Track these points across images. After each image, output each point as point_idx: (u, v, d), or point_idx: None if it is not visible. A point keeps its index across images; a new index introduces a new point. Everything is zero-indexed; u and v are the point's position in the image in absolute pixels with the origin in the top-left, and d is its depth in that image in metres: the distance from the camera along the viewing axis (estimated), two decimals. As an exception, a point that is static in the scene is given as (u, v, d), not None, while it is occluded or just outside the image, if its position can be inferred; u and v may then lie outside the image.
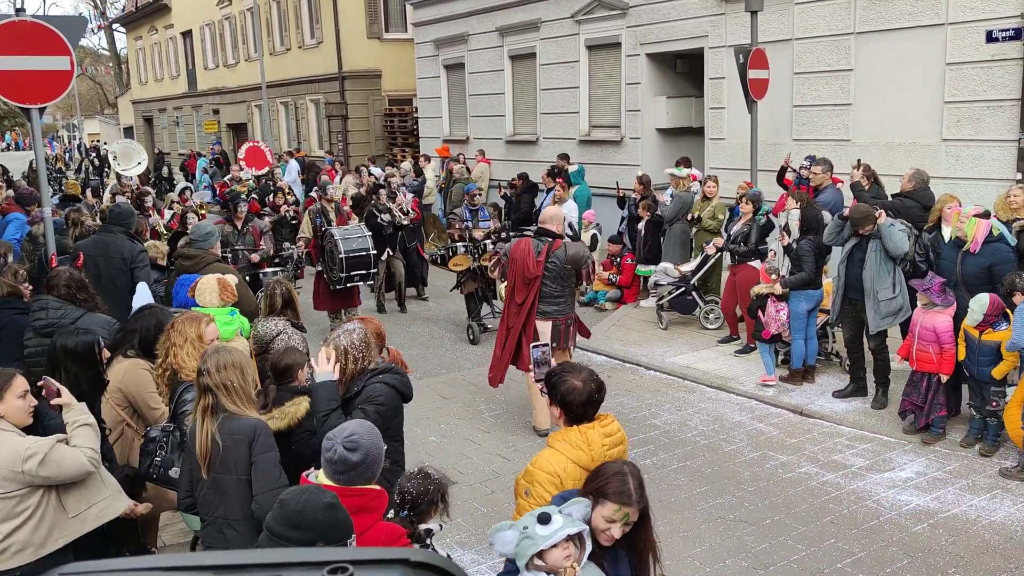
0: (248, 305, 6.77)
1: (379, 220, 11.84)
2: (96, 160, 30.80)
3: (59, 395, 4.11)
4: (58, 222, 9.70)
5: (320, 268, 10.99)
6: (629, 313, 11.95)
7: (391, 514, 3.60)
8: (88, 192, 19.43)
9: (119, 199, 14.13)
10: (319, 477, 3.24)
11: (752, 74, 10.98)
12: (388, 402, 4.16)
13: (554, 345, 7.31)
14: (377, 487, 3.27)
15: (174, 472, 4.47)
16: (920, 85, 10.79)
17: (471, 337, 10.95)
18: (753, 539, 5.90)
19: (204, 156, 29.11)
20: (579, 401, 3.54)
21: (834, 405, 8.23)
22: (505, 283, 8.25)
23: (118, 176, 16.17)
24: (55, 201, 12.59)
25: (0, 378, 3.88)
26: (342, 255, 10.19)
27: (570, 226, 12.08)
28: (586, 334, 8.53)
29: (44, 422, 4.06)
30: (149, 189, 15.10)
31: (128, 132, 43.67)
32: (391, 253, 12.31)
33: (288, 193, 15.26)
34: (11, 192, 13.30)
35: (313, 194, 15.24)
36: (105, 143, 38.29)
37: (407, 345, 10.79)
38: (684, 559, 5.67)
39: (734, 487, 6.68)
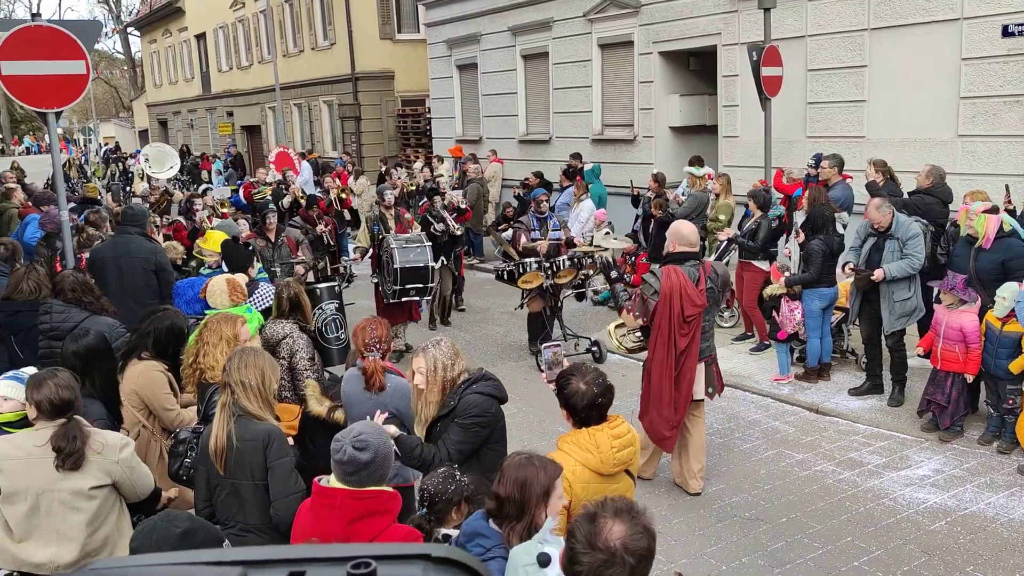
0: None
1: (433, 229, 11.01)
2: (122, 165, 30.87)
3: None
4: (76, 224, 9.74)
5: (376, 280, 10.14)
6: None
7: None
8: (108, 196, 19.52)
9: (135, 202, 14.18)
10: (331, 481, 3.22)
11: (766, 71, 10.95)
12: (484, 412, 4.13)
13: (709, 390, 6.46)
14: (390, 489, 3.24)
15: None
16: (935, 81, 10.73)
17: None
18: (769, 537, 5.88)
19: (219, 158, 29.22)
20: (582, 404, 3.56)
21: (850, 403, 8.20)
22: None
23: (148, 179, 16.28)
24: (70, 205, 12.62)
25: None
26: (397, 266, 9.35)
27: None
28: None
29: None
30: (198, 193, 14.79)
31: (143, 135, 43.96)
32: (444, 262, 11.37)
33: (302, 196, 14.85)
34: (24, 195, 13.36)
35: (326, 192, 14.92)
36: (111, 149, 38.47)
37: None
38: (700, 557, 5.66)
39: (750, 485, 6.66)
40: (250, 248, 8.63)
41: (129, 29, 50.29)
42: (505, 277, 9.88)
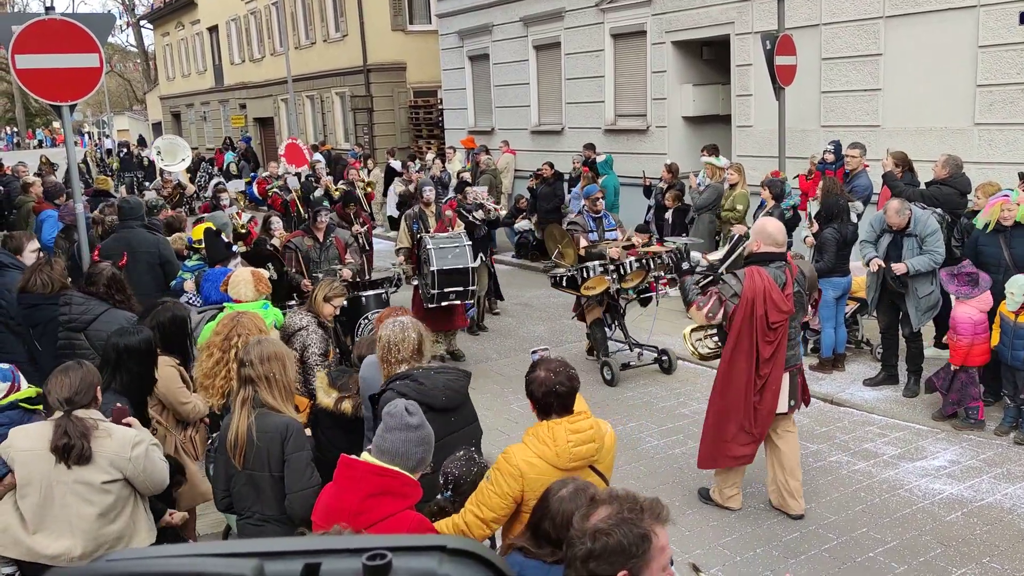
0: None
1: (471, 219, 10.34)
2: (145, 159, 30.92)
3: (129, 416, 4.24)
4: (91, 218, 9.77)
5: (416, 282, 9.49)
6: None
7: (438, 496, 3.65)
8: (122, 189, 19.58)
9: (148, 195, 14.17)
10: (364, 455, 3.22)
11: (779, 60, 10.87)
12: None
13: (791, 403, 5.91)
14: (414, 478, 3.23)
15: None
16: (952, 69, 10.63)
17: (608, 377, 8.91)
18: (784, 528, 5.87)
19: (232, 151, 29.28)
20: (540, 392, 3.59)
21: (865, 393, 8.16)
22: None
23: (160, 172, 16.29)
24: (84, 199, 12.58)
25: (95, 377, 3.99)
26: (434, 268, 8.77)
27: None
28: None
29: None
30: (224, 188, 14.12)
31: (156, 128, 44.12)
32: (483, 259, 10.53)
33: (336, 190, 13.56)
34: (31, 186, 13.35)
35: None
36: (123, 143, 38.52)
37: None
38: (715, 548, 5.66)
39: (764, 476, 6.64)
40: (230, 245, 8.50)
41: (142, 22, 50.49)
42: (564, 283, 8.99)
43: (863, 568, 5.34)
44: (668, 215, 11.94)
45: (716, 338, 6.18)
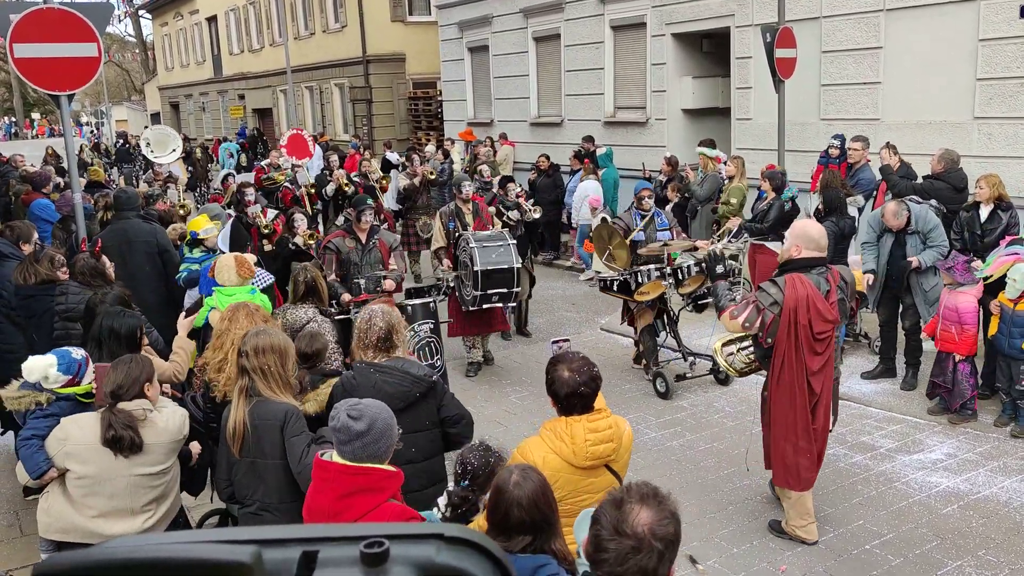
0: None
1: (506, 219, 9.68)
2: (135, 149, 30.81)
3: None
4: (88, 207, 9.74)
5: (453, 284, 8.82)
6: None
7: (450, 485, 3.65)
8: (121, 180, 19.50)
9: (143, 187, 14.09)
10: (332, 456, 3.19)
11: (779, 53, 10.86)
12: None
13: (832, 418, 5.63)
14: (390, 468, 3.17)
15: None
16: (952, 62, 10.61)
17: (662, 390, 8.31)
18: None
19: (230, 141, 29.23)
20: (564, 392, 3.53)
21: (863, 386, 8.18)
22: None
23: (150, 164, 16.17)
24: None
25: (147, 366, 4.05)
26: (477, 269, 8.20)
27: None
28: None
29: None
30: (249, 181, 13.62)
31: (155, 118, 44.06)
32: (527, 258, 9.96)
33: (347, 184, 12.89)
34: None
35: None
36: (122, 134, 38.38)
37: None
38: (712, 539, 5.67)
39: (761, 468, 6.64)
40: (247, 230, 8.51)
41: (141, 12, 50.35)
42: (615, 288, 8.44)
43: (859, 560, 5.36)
44: (669, 208, 11.91)
45: (749, 350, 5.92)
